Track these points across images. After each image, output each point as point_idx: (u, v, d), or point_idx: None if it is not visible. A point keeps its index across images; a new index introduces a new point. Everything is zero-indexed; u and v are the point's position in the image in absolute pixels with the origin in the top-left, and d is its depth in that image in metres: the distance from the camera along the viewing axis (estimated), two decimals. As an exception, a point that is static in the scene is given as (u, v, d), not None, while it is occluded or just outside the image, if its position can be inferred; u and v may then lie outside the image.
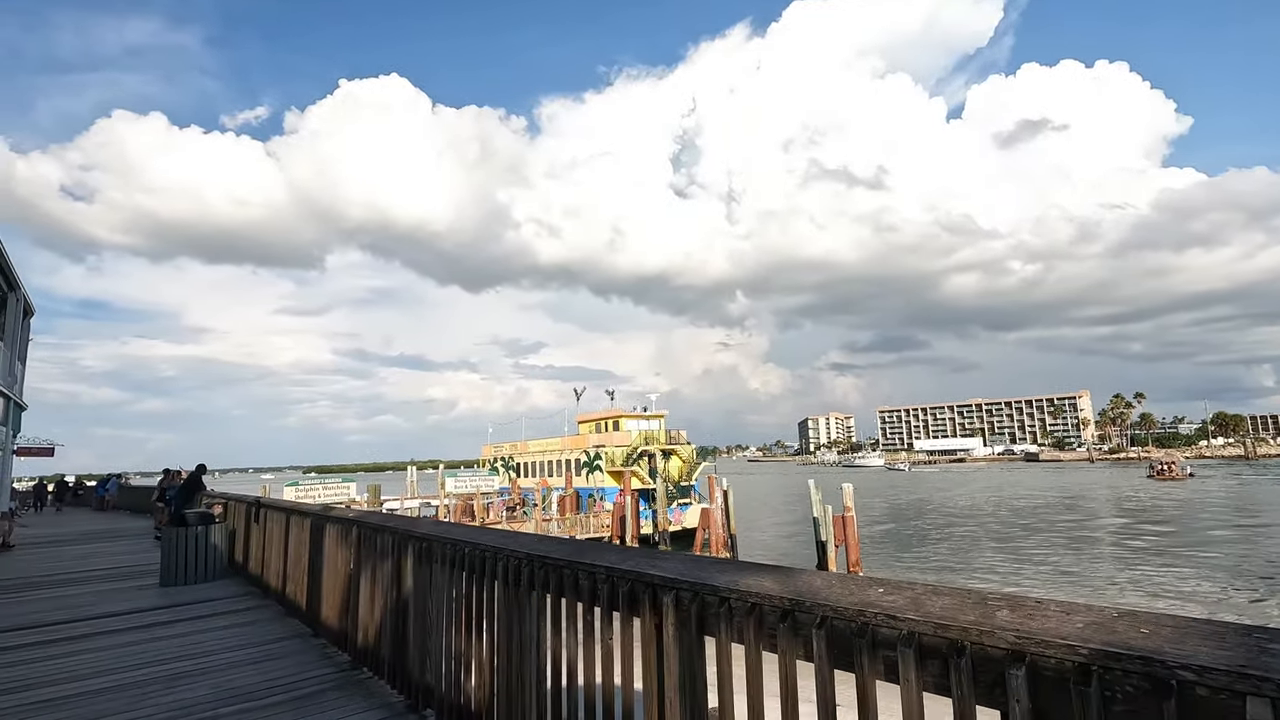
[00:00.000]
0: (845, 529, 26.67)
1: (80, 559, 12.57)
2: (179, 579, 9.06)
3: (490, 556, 3.40)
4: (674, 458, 45.72)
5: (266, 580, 7.99)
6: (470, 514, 36.98)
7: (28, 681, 5.09)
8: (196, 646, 5.91)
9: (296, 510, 7.03)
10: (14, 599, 8.68)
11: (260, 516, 8.52)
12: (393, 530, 4.57)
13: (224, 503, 10.80)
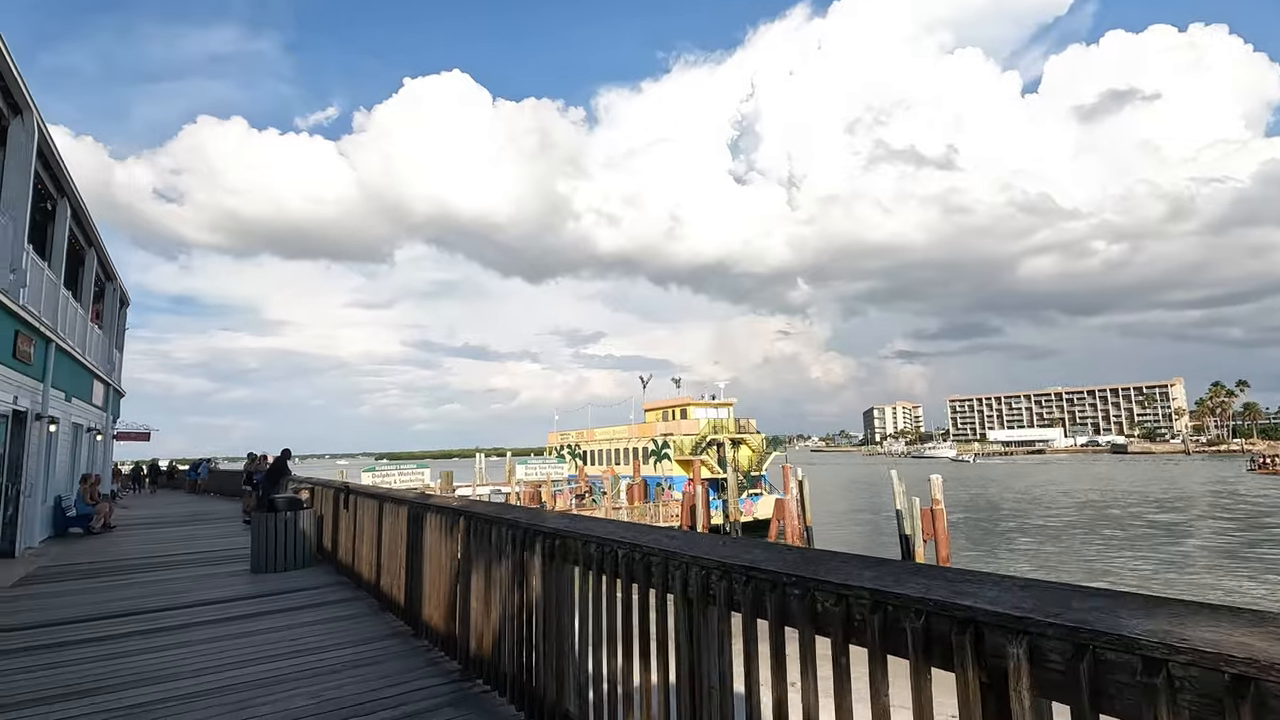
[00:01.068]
0: (935, 522, 25.14)
1: (175, 541, 12.70)
2: (269, 565, 8.82)
3: (659, 562, 2.66)
4: (743, 447, 44.66)
5: (358, 571, 7.58)
6: (538, 501, 36.98)
7: (121, 679, 4.71)
8: (292, 644, 5.47)
9: (391, 497, 6.54)
10: (115, 582, 8.60)
11: (350, 503, 8.14)
12: (513, 523, 3.91)
13: (310, 488, 10.57)
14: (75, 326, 15.27)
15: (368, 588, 7.15)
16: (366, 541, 7.29)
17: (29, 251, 11.18)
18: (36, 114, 10.98)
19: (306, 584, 7.96)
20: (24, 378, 11.70)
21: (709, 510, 35.82)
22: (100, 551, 11.64)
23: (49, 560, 10.63)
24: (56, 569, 9.84)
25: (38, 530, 12.74)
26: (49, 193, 13.37)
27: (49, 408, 12.92)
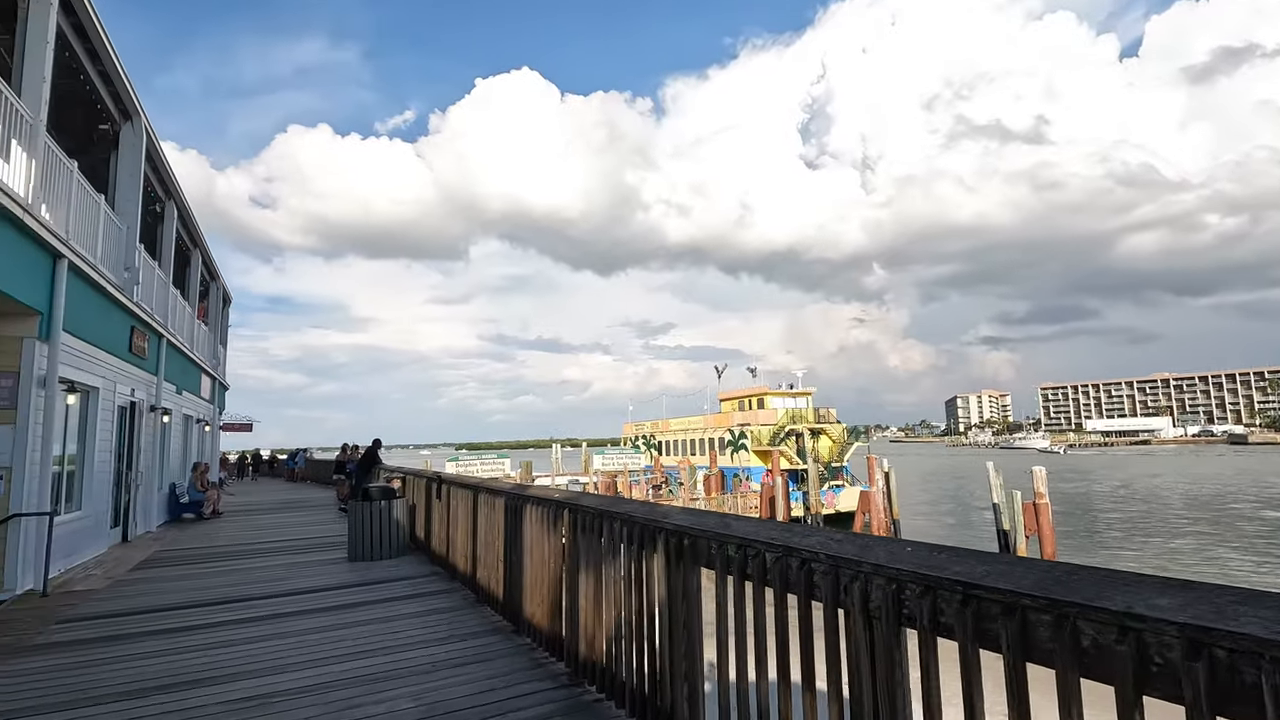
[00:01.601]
0: (1038, 517, 23.50)
1: (277, 528, 13.17)
2: (365, 554, 8.89)
3: (825, 570, 2.22)
4: (823, 437, 43.34)
5: (452, 561, 7.47)
6: (614, 491, 37.05)
7: (230, 669, 4.66)
8: (394, 637, 5.34)
9: (486, 488, 6.34)
10: (222, 568, 8.86)
11: (442, 493, 8.06)
12: (627, 518, 3.55)
13: (402, 477, 10.66)
14: (183, 323, 16.10)
15: (463, 579, 7.02)
16: (461, 532, 7.15)
17: (141, 251, 11.73)
18: (145, 119, 11.48)
19: (402, 573, 7.94)
20: (140, 371, 12.34)
21: (789, 502, 34.92)
22: (209, 537, 12.17)
23: (165, 545, 11.17)
24: (171, 553, 10.29)
25: (155, 515, 13.49)
26: (157, 195, 14.06)
27: (162, 400, 13.63)
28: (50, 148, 7.84)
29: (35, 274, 7.49)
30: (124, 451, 11.79)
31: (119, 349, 10.81)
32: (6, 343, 7.52)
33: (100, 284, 9.34)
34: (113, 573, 8.63)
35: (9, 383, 7.48)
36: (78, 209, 8.65)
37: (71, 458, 9.44)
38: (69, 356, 8.51)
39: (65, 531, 8.73)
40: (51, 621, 6.19)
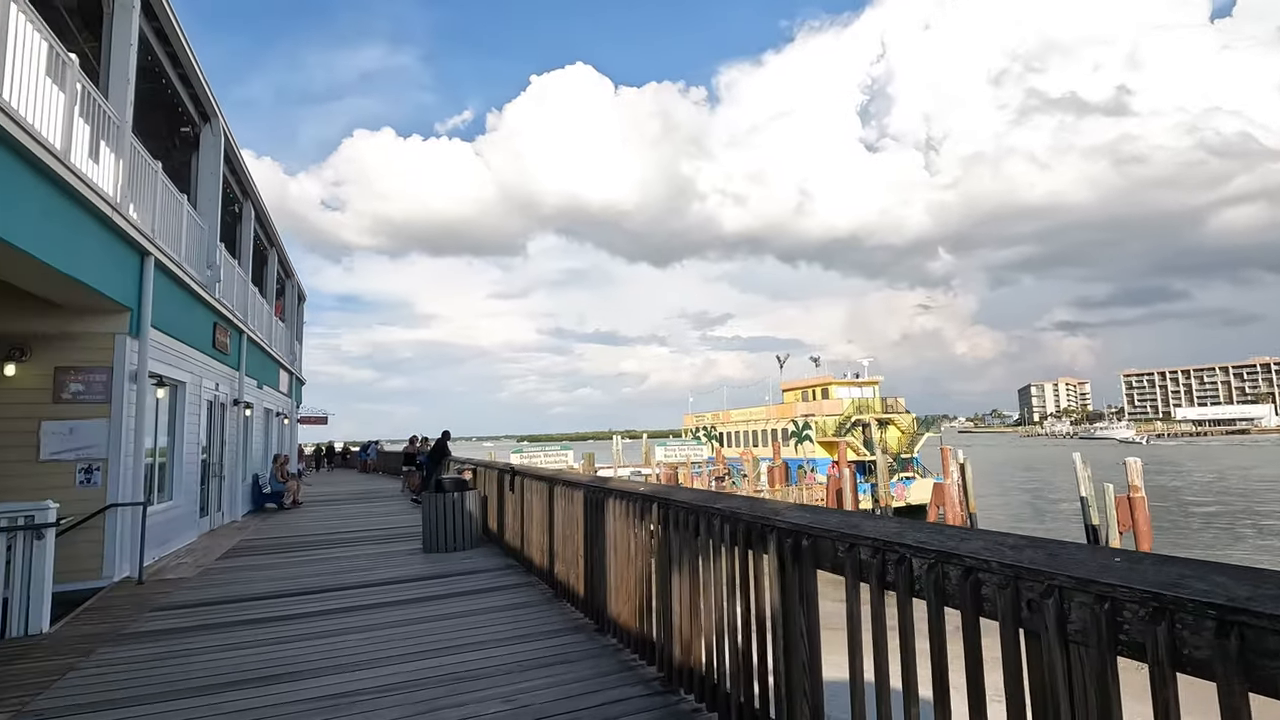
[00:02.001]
0: (1134, 511, 21.95)
1: (352, 518, 13.45)
2: (439, 545, 8.88)
3: (1000, 583, 1.85)
4: (891, 428, 41.92)
5: (528, 555, 7.33)
6: (676, 483, 36.77)
7: (314, 663, 4.60)
8: (474, 632, 5.19)
9: (563, 480, 6.14)
10: (303, 558, 9.01)
11: (516, 485, 7.93)
12: (730, 515, 3.24)
13: (473, 469, 10.65)
14: (262, 319, 16.64)
15: (539, 573, 6.86)
16: (536, 525, 6.99)
17: (222, 250, 12.09)
18: (223, 121, 11.79)
19: (477, 566, 7.86)
20: (223, 366, 12.76)
21: (857, 494, 33.92)
22: (290, 526, 12.50)
23: (249, 534, 11.52)
24: (256, 542, 10.58)
25: (240, 505, 13.99)
26: (236, 196, 14.51)
27: (244, 394, 14.10)
28: (136, 148, 8.06)
29: (125, 271, 7.70)
30: (210, 444, 12.21)
31: (203, 345, 11.16)
32: (99, 339, 7.78)
33: (185, 281, 9.61)
34: (202, 561, 8.89)
35: (103, 377, 7.73)
36: (163, 208, 8.90)
37: (162, 450, 9.78)
38: (157, 352, 8.77)
39: (158, 521, 9.05)
40: (146, 609, 6.34)
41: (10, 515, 5.53)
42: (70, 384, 7.60)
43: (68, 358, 7.63)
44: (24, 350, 7.42)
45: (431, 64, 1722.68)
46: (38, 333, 7.54)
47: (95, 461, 7.60)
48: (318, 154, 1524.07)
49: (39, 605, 5.54)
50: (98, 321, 7.78)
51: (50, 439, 7.45)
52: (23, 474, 7.30)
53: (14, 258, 5.61)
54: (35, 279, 6.46)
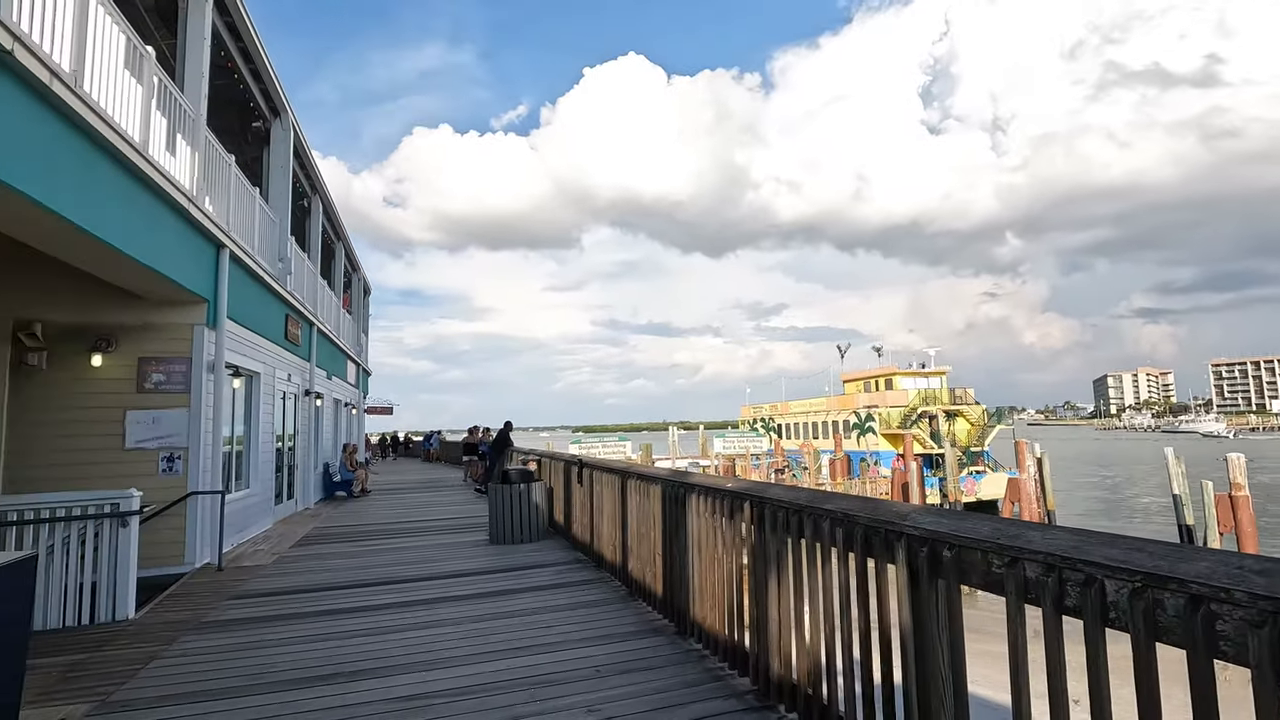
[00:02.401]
0: (1236, 511, 20.30)
1: (419, 507, 13.59)
2: (505, 537, 8.77)
3: (1260, 621, 1.45)
4: (960, 419, 40.27)
5: (598, 549, 7.11)
6: (732, 474, 36.26)
7: (388, 660, 4.47)
8: (548, 631, 4.99)
9: (636, 473, 5.87)
10: (373, 547, 9.06)
11: (584, 477, 7.72)
12: (843, 517, 2.88)
13: (538, 459, 10.53)
14: (330, 312, 17.01)
15: (611, 569, 6.63)
16: (607, 520, 6.76)
17: (292, 243, 12.31)
18: (292, 116, 11.97)
19: (546, 559, 7.70)
20: (294, 358, 13.04)
21: (924, 488, 32.70)
22: (360, 515, 12.70)
23: (322, 521, 11.74)
24: (328, 530, 10.75)
25: (312, 493, 14.34)
26: (305, 191, 14.80)
27: (314, 384, 14.41)
28: (210, 142, 8.16)
29: (201, 263, 7.82)
30: (283, 433, 12.50)
31: (276, 336, 11.38)
32: (178, 329, 7.93)
33: (258, 273, 9.77)
34: (278, 548, 9.04)
35: (182, 368, 7.89)
36: (236, 201, 9.03)
37: (239, 439, 10.00)
38: (233, 342, 8.93)
39: (236, 509, 9.25)
40: (225, 596, 6.40)
41: (97, 503, 5.62)
42: (152, 374, 7.77)
43: (149, 348, 7.81)
44: (110, 341, 7.62)
45: (487, 60, 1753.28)
46: (122, 324, 7.73)
47: (177, 450, 7.76)
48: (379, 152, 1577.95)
49: (125, 591, 5.62)
50: (177, 313, 7.93)
51: (135, 428, 7.64)
52: (110, 461, 7.50)
53: (95, 249, 5.68)
54: (116, 270, 6.58)
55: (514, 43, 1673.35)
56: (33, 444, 7.31)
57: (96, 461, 7.47)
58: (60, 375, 7.49)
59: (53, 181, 4.76)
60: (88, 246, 5.63)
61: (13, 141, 4.30)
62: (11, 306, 7.35)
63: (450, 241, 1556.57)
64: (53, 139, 4.81)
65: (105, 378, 7.64)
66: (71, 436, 7.43)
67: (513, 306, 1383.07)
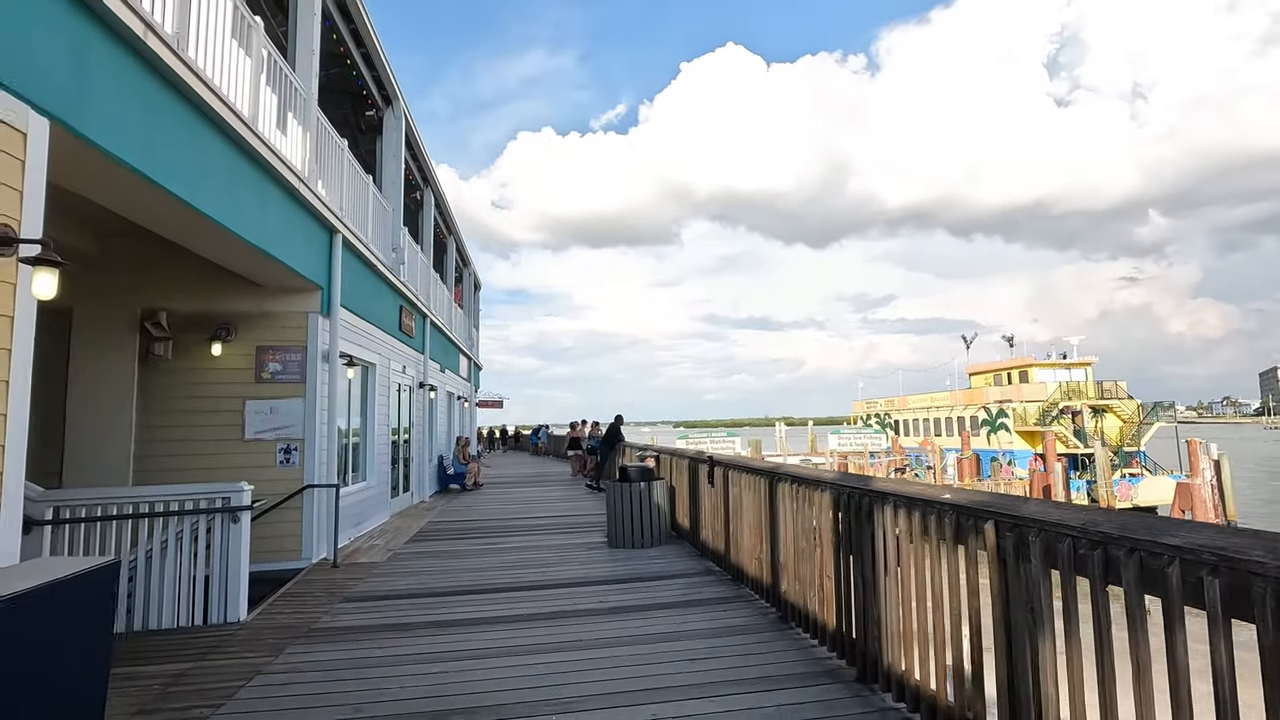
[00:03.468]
0: None
1: (531, 503, 13.18)
2: (625, 540, 8.00)
3: None
4: (1109, 415, 36.06)
5: (736, 562, 6.16)
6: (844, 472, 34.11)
7: (503, 698, 3.73)
8: (697, 666, 4.10)
9: (791, 475, 4.88)
10: (489, 545, 8.57)
11: (714, 476, 6.81)
12: (1132, 543, 1.79)
13: (656, 455, 9.72)
14: (442, 305, 17.03)
15: (754, 585, 5.67)
16: (749, 529, 5.80)
17: (405, 233, 12.17)
18: (404, 104, 11.80)
19: (671, 567, 6.85)
20: (409, 349, 12.95)
21: (1069, 492, 29.42)
22: (474, 509, 12.43)
23: (436, 515, 11.51)
24: (443, 526, 10.45)
25: (427, 486, 14.29)
26: (417, 183, 14.77)
27: (428, 377, 14.35)
28: (322, 123, 7.89)
29: (313, 248, 7.55)
30: (398, 426, 12.41)
31: (390, 327, 11.22)
32: (293, 318, 7.71)
33: (372, 262, 9.54)
34: (392, 544, 8.74)
35: (297, 357, 7.66)
36: (349, 187, 8.79)
37: (355, 431, 9.85)
38: (347, 332, 8.69)
39: (352, 502, 9.05)
40: (338, 598, 5.99)
41: (209, 496, 5.31)
42: (269, 363, 7.59)
43: (266, 337, 7.63)
44: (229, 329, 7.50)
45: (587, 63, 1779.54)
46: (240, 312, 7.59)
47: (293, 441, 7.54)
48: (486, 158, 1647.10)
49: (236, 591, 5.27)
50: (291, 300, 7.72)
51: (253, 418, 7.48)
52: (230, 452, 7.37)
53: (202, 226, 5.36)
54: (225, 252, 6.32)
55: (612, 43, 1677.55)
56: (160, 434, 7.28)
57: (218, 452, 7.36)
58: (183, 365, 7.43)
59: (151, 148, 4.38)
60: (191, 222, 5.31)
61: (101, 100, 3.90)
62: (139, 296, 7.35)
63: (553, 241, 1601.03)
64: (152, 102, 4.43)
65: (225, 367, 7.52)
66: (194, 427, 7.35)
67: (613, 303, 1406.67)
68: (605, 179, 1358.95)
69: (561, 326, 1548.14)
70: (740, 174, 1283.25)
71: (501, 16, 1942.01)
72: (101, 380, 7.15)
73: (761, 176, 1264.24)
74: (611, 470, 15.32)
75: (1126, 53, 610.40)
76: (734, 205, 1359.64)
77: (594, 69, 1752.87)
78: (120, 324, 7.25)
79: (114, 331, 7.24)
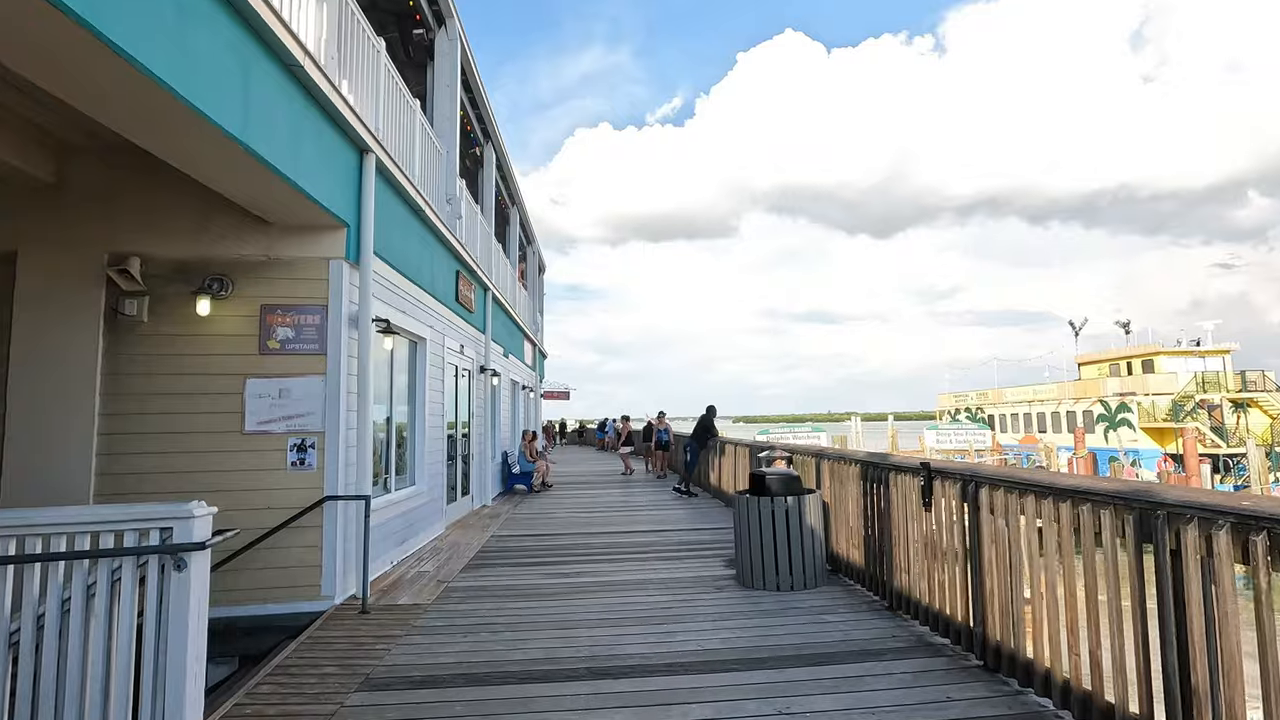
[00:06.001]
0: None
1: (611, 510, 10.96)
2: (765, 579, 5.63)
3: None
4: (1254, 410, 31.41)
5: (945, 614, 3.70)
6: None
7: None
8: None
9: (1070, 489, 2.41)
10: (566, 582, 6.35)
11: (887, 481, 4.37)
12: None
13: (788, 457, 7.28)
14: (505, 281, 15.02)
15: (1043, 682, 3.20)
16: (993, 572, 3.33)
17: (462, 187, 10.11)
18: (459, 25, 9.69)
19: (860, 633, 4.44)
20: (468, 326, 10.92)
21: (1216, 499, 25.33)
22: (544, 517, 10.31)
23: (501, 527, 9.42)
24: (506, 541, 8.34)
25: (490, 488, 12.26)
26: (476, 136, 12.72)
27: (490, 360, 12.31)
28: (348, 3, 5.76)
29: (337, 168, 5.46)
30: (457, 416, 10.39)
31: (445, 296, 9.18)
32: (309, 266, 5.65)
33: (419, 206, 7.45)
34: (445, 571, 6.65)
35: (315, 319, 5.60)
36: (388, 102, 6.68)
37: (400, 425, 7.81)
38: (386, 293, 6.63)
39: (396, 514, 7.00)
40: (355, 683, 3.84)
41: (136, 525, 3.20)
42: (278, 328, 5.55)
43: (274, 292, 5.60)
44: (224, 282, 5.48)
45: (642, 58, 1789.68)
46: (239, 258, 5.58)
47: (310, 435, 5.49)
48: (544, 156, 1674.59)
49: (178, 684, 3.15)
50: (307, 242, 5.66)
51: (257, 403, 5.46)
52: (226, 450, 5.38)
53: (171, 109, 3.29)
54: (198, 156, 4.24)
55: (667, 37, 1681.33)
56: (134, 425, 5.32)
57: (210, 449, 5.37)
58: (163, 330, 5.44)
59: None
60: (158, 103, 3.24)
61: None
62: (105, 235, 5.40)
63: (612, 236, 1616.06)
64: None
65: (219, 334, 5.51)
66: (178, 415, 5.37)
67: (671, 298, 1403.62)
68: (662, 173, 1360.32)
69: (619, 321, 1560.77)
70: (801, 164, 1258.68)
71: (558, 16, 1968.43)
72: (53, 349, 5.24)
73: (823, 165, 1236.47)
74: (705, 473, 12.96)
75: (1222, 21, 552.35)
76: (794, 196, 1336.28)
77: (649, 63, 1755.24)
78: (80, 273, 5.32)
79: (71, 283, 5.31)
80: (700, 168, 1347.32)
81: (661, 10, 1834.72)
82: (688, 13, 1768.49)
